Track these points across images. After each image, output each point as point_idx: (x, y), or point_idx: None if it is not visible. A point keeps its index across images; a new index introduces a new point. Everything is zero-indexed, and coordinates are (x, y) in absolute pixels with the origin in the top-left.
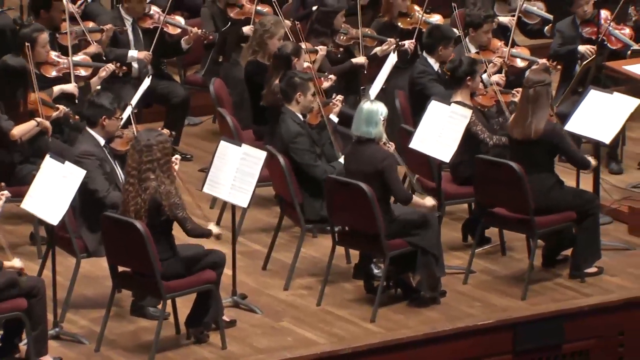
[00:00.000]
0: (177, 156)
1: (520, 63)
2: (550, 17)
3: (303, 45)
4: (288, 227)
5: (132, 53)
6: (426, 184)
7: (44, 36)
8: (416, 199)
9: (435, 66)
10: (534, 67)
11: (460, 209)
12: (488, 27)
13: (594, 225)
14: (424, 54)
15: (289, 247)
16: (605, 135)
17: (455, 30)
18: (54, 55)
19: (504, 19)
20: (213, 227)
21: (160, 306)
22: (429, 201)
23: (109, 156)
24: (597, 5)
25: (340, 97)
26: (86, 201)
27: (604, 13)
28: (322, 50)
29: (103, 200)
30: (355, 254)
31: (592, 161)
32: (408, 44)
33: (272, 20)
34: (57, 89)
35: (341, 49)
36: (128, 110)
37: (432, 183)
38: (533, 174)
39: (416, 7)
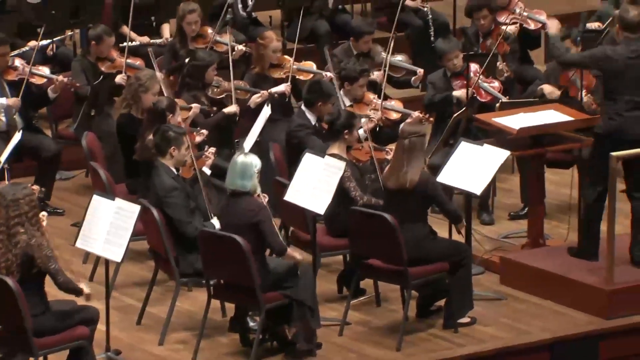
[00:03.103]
0: (44, 213)
1: (394, 115)
2: (416, 68)
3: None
4: (163, 281)
5: (1, 101)
6: (301, 236)
7: None
8: (290, 250)
9: (313, 120)
10: (408, 120)
11: (335, 261)
12: (363, 81)
13: (466, 276)
14: (303, 107)
15: (164, 301)
16: (476, 186)
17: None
18: None
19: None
20: (85, 287)
21: None
22: (299, 254)
23: None
24: (466, 58)
25: (212, 150)
26: None
27: (474, 66)
28: (195, 108)
29: None
30: (230, 307)
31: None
32: (285, 87)
33: (148, 74)
34: None
35: (214, 108)
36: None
37: (307, 235)
38: (406, 224)
39: (288, 57)
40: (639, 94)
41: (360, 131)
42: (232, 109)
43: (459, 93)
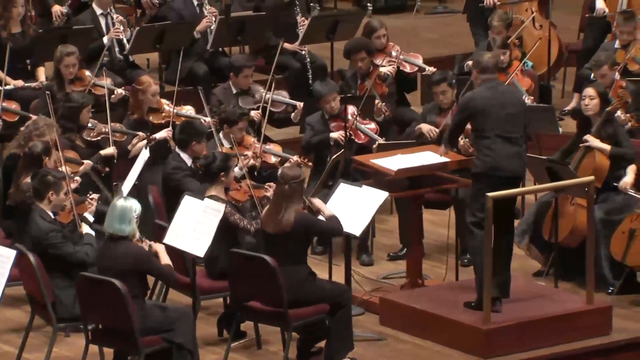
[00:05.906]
0: None
1: (273, 159)
2: (296, 102)
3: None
4: (40, 327)
5: None
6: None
7: None
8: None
9: (189, 161)
10: (287, 164)
11: (215, 304)
12: (243, 124)
13: (346, 317)
14: (177, 149)
15: (41, 347)
16: (356, 227)
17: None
18: None
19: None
20: None
21: None
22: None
23: None
24: (344, 101)
25: (95, 196)
26: None
27: (351, 108)
28: (86, 164)
29: None
30: (109, 352)
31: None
32: (166, 132)
33: (48, 122)
34: None
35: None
36: None
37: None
38: (286, 266)
39: (165, 101)
40: (505, 130)
41: (236, 169)
42: (110, 150)
43: (337, 135)
